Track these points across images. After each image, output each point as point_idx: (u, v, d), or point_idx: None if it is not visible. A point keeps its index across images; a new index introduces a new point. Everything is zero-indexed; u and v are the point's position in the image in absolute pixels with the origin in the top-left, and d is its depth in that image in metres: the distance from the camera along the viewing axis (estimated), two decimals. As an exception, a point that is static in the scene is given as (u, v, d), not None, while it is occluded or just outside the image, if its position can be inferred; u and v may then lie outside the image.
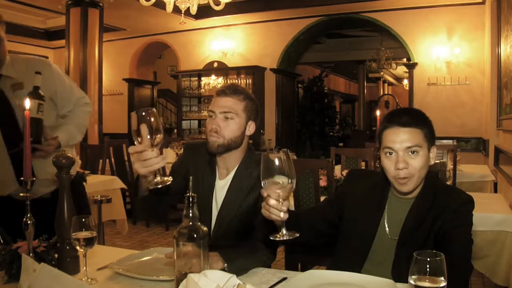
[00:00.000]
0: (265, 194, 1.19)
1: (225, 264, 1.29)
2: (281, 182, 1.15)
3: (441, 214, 1.35)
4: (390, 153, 1.37)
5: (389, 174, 1.38)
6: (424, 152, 1.36)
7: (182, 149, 5.59)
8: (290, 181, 1.15)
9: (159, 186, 1.29)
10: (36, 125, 1.71)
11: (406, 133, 1.35)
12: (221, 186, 1.64)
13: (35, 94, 1.70)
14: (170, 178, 1.30)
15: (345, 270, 1.30)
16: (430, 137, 1.38)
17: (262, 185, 1.17)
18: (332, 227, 1.55)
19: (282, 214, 1.18)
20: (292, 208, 2.60)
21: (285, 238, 1.19)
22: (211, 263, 1.23)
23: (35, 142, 1.72)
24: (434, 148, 1.41)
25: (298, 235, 1.20)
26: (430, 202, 1.38)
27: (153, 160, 1.26)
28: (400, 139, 1.35)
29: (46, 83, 1.84)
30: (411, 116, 1.37)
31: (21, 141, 1.64)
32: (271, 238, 1.21)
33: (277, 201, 1.18)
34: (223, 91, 1.58)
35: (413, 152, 1.34)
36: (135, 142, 1.25)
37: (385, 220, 1.44)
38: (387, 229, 1.43)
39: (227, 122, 1.55)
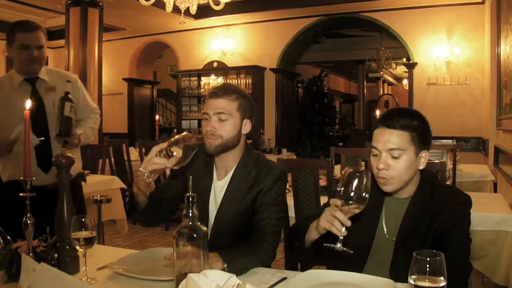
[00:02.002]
0: (338, 203, 1.21)
1: (225, 265, 1.29)
2: (355, 201, 1.19)
3: (439, 213, 1.35)
4: (375, 153, 1.38)
5: (373, 173, 1.39)
6: (408, 156, 1.34)
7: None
8: (364, 204, 1.20)
9: (148, 180, 1.42)
10: (68, 122, 2.08)
11: (390, 135, 1.35)
12: (220, 187, 1.63)
13: (67, 98, 2.07)
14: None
15: (346, 271, 1.30)
16: (420, 141, 1.36)
17: (337, 195, 1.20)
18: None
19: (343, 230, 1.21)
20: (292, 210, 2.60)
21: (341, 249, 1.22)
22: (211, 263, 1.23)
23: (66, 136, 2.10)
24: (426, 152, 1.38)
25: (352, 253, 1.23)
26: (427, 202, 1.38)
27: (160, 164, 1.39)
28: (384, 139, 1.36)
29: (72, 92, 2.23)
30: (401, 118, 1.35)
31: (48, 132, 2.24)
32: (325, 245, 1.23)
33: (345, 217, 1.20)
34: (215, 93, 1.57)
35: (394, 155, 1.34)
36: (160, 153, 1.39)
37: (383, 221, 1.44)
38: (385, 229, 1.43)
39: (222, 123, 1.55)
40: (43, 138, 2.19)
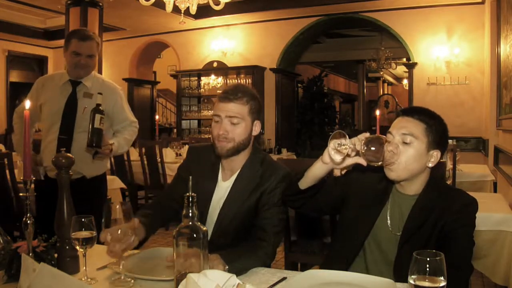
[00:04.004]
0: (367, 134, 1.25)
1: (226, 267, 1.29)
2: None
3: (444, 214, 1.36)
4: (389, 139, 1.40)
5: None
6: (419, 145, 1.36)
7: (182, 148, 5.60)
8: (378, 161, 1.27)
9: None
10: (98, 134, 2.10)
11: (407, 122, 1.40)
12: (225, 187, 1.63)
13: (97, 110, 2.11)
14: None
15: (343, 258, 1.30)
16: (434, 139, 1.38)
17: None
18: (331, 205, 1.55)
19: (352, 147, 1.22)
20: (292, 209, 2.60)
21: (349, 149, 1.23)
22: (212, 266, 1.22)
23: (97, 147, 2.13)
24: (438, 152, 1.40)
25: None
26: (433, 202, 1.39)
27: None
28: (399, 125, 1.40)
29: (108, 103, 2.35)
30: (421, 113, 1.41)
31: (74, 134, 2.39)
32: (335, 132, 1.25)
33: (360, 140, 1.23)
34: (226, 97, 1.55)
35: (406, 140, 1.36)
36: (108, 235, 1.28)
37: (387, 212, 1.45)
38: (388, 221, 1.44)
39: (234, 126, 1.54)
40: (65, 137, 2.35)
